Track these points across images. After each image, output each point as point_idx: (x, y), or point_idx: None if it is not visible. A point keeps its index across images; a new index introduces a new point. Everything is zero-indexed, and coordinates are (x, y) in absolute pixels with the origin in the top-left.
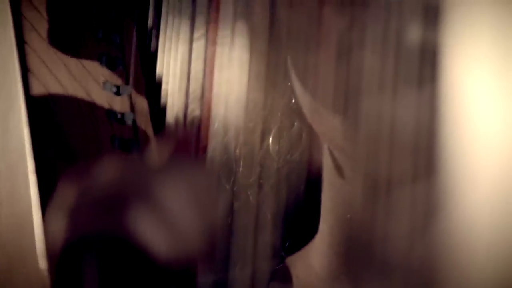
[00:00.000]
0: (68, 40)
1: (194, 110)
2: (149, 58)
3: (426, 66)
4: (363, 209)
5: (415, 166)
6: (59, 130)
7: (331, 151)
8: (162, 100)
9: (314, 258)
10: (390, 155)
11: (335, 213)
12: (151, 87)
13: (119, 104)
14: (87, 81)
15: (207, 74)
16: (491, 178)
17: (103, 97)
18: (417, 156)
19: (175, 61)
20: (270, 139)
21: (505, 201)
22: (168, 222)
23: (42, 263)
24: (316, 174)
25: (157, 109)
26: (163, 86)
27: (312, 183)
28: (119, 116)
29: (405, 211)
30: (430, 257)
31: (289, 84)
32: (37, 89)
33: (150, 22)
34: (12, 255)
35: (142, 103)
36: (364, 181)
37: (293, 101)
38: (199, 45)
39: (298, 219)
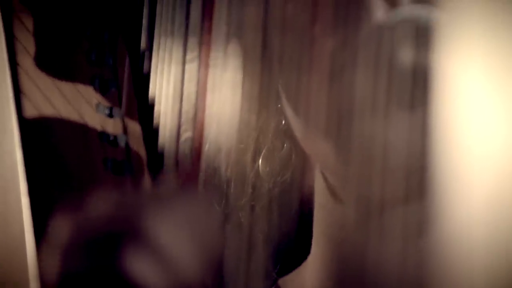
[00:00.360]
0: (61, 62)
1: (187, 130)
2: (142, 80)
3: (418, 88)
4: (356, 231)
5: (407, 188)
6: (52, 153)
7: (323, 173)
8: (155, 121)
9: (307, 280)
10: (382, 177)
11: (327, 235)
12: (144, 108)
13: (112, 126)
14: (80, 103)
15: (200, 95)
16: (484, 198)
17: (96, 120)
18: (410, 178)
19: (168, 83)
20: (260, 160)
21: (498, 221)
22: (165, 256)
23: (34, 287)
24: (308, 196)
25: (150, 130)
26: (156, 107)
27: (304, 204)
28: (111, 138)
29: (398, 233)
30: (423, 279)
31: (279, 106)
32: (30, 111)
33: (143, 44)
34: (2, 278)
35: (134, 124)
36: (357, 202)
37: (283, 122)
38: (192, 67)
39: (290, 240)
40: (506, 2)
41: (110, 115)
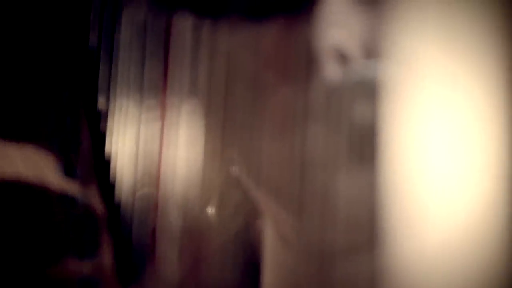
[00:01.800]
0: (19, 124)
1: (144, 187)
2: (101, 139)
3: (369, 142)
4: (307, 281)
5: (359, 238)
6: (11, 215)
7: (274, 222)
8: (112, 177)
9: None
10: (334, 228)
11: (277, 283)
12: (102, 166)
13: (71, 187)
14: (39, 164)
15: (155, 151)
16: (437, 245)
17: (55, 180)
18: (361, 228)
19: (125, 140)
20: (212, 207)
21: (451, 267)
22: None
23: None
24: (258, 244)
25: (108, 187)
26: (113, 164)
27: (254, 252)
28: (71, 197)
29: (349, 283)
30: None
31: (231, 156)
32: None
33: (100, 103)
34: None
35: (92, 183)
36: (308, 253)
37: (235, 171)
38: (148, 124)
39: None
40: (456, 58)
41: (69, 176)
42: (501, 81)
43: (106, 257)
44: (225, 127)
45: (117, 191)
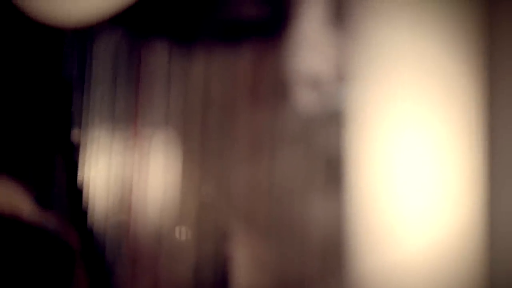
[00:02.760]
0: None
1: (117, 214)
2: (74, 169)
3: (339, 167)
4: None
5: (329, 260)
6: None
7: (247, 244)
8: (85, 206)
9: None
10: (304, 250)
11: None
12: (75, 196)
13: (45, 218)
14: (13, 196)
15: (128, 179)
16: (403, 269)
17: (30, 212)
18: (331, 250)
19: (97, 170)
20: (186, 232)
21: None
22: None
23: None
24: (231, 267)
25: (82, 215)
26: (85, 191)
27: (224, 274)
28: (45, 229)
29: None
30: None
31: (204, 178)
32: None
33: (74, 133)
34: None
35: (67, 213)
36: (279, 274)
37: (208, 194)
38: (121, 153)
39: None
40: (428, 79)
41: (45, 208)
42: (475, 102)
43: (81, 286)
44: (199, 152)
45: (90, 220)
